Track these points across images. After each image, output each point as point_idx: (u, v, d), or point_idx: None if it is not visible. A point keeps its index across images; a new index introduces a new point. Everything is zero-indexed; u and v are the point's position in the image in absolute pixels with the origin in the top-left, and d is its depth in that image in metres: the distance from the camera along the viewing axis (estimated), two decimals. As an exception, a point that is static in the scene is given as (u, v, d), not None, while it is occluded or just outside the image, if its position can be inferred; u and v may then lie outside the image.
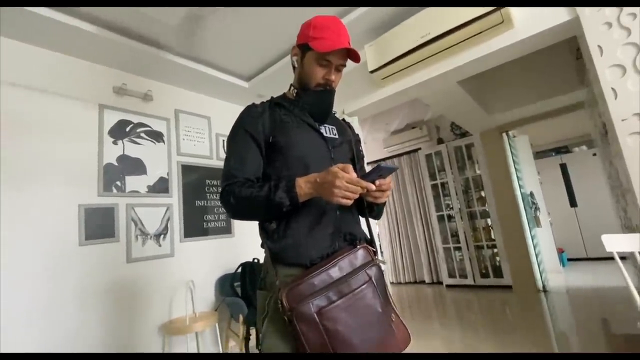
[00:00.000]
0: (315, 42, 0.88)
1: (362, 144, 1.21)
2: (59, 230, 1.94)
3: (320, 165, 0.84)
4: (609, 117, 1.51)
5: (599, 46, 1.54)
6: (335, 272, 0.75)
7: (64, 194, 1.99)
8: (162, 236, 2.39)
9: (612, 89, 1.50)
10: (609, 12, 1.53)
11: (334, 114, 1.06)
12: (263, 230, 0.86)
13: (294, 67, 1.00)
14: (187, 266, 2.48)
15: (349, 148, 1.00)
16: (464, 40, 1.86)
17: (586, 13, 1.58)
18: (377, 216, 1.02)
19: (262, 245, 0.86)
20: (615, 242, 1.33)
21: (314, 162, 0.87)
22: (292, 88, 1.00)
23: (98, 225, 2.09)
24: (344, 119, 1.12)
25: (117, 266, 2.14)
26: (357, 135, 1.12)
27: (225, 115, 3.05)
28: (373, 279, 0.79)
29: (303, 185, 0.77)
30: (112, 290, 2.08)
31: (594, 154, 5.11)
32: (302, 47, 0.93)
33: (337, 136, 0.98)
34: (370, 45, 2.16)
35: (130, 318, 2.13)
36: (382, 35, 2.10)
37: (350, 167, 0.73)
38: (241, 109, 0.96)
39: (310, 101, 0.94)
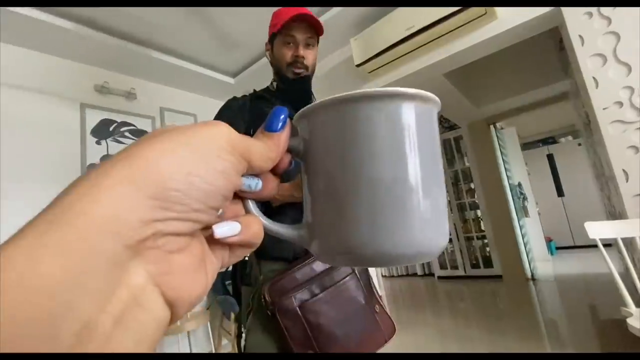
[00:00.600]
0: (276, 25, 0.91)
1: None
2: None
3: None
4: (591, 106, 1.53)
5: (579, 36, 1.56)
6: (318, 266, 0.75)
7: (45, 198, 1.93)
8: (150, 236, 2.35)
9: (593, 78, 1.52)
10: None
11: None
12: None
13: (271, 65, 1.01)
14: (177, 266, 2.45)
15: None
16: (449, 32, 1.86)
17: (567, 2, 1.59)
18: None
19: None
20: (598, 229, 1.35)
21: None
22: (272, 82, 1.01)
23: (83, 227, 2.05)
24: None
25: (104, 268, 2.10)
26: None
27: (211, 113, 2.97)
28: (356, 271, 0.79)
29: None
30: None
31: (579, 144, 5.20)
32: (270, 40, 0.97)
33: None
34: (355, 39, 2.14)
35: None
36: (367, 28, 2.09)
37: None
38: None
39: (288, 91, 0.94)
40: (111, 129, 2.32)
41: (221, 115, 0.91)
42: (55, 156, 2.02)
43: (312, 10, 2.02)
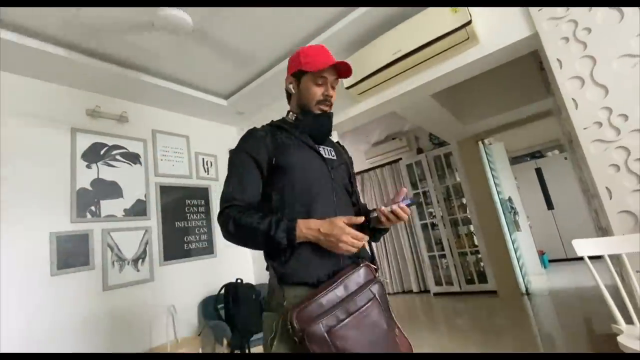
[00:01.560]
0: (309, 65, 0.96)
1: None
2: (29, 261, 1.85)
3: (322, 185, 0.92)
4: (572, 125, 1.59)
5: (558, 59, 1.63)
6: (341, 291, 0.77)
7: (34, 222, 1.91)
8: (140, 261, 2.31)
9: (573, 99, 1.58)
10: (565, 27, 1.62)
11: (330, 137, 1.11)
12: (268, 254, 0.88)
13: (289, 96, 1.06)
14: (168, 290, 2.40)
15: (345, 169, 1.04)
16: (434, 56, 1.93)
17: (544, 28, 1.67)
18: (375, 240, 1.08)
19: (267, 268, 0.88)
20: (586, 247, 1.38)
21: (315, 182, 0.92)
22: (290, 113, 1.05)
23: (71, 253, 2.01)
24: (337, 142, 1.17)
25: (93, 295, 2.05)
26: (350, 157, 1.18)
27: (204, 134, 3.03)
28: (377, 295, 0.81)
29: (304, 230, 0.81)
30: (88, 321, 1.99)
31: (565, 158, 5.33)
32: (296, 74, 1.00)
33: (334, 157, 1.02)
34: (344, 62, 2.20)
35: (108, 349, 2.02)
36: (355, 52, 2.15)
37: (354, 218, 0.82)
38: (220, 126, 1.00)
39: (310, 124, 0.99)
40: (102, 152, 2.31)
41: (246, 142, 0.94)
42: (45, 181, 2.00)
43: (308, 31, 2.09)
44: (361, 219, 0.84)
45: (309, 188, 0.91)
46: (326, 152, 1.01)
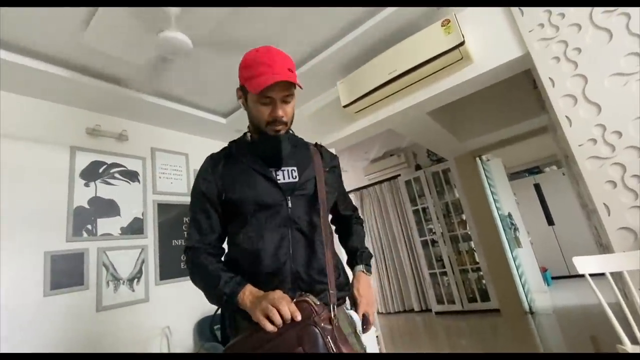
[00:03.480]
0: (250, 82, 0.82)
1: (343, 172, 1.14)
2: (22, 282, 1.82)
3: (276, 219, 0.85)
4: (567, 142, 1.60)
5: (550, 78, 1.66)
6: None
7: (29, 241, 1.89)
8: (135, 280, 2.27)
9: (567, 117, 1.60)
10: (556, 47, 1.66)
11: (303, 144, 1.02)
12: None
13: (247, 114, 0.96)
14: (163, 311, 2.35)
15: (313, 188, 0.91)
16: (429, 76, 1.97)
17: (535, 48, 1.71)
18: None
19: None
20: (587, 264, 1.36)
21: (269, 217, 0.85)
22: (247, 132, 0.98)
23: (65, 273, 1.97)
24: (316, 144, 1.05)
25: (86, 316, 2.00)
26: (333, 160, 1.05)
27: (203, 151, 3.00)
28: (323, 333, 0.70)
29: (247, 296, 0.76)
30: (80, 344, 1.93)
31: (563, 174, 5.35)
32: (243, 89, 0.90)
33: (296, 179, 0.90)
34: (341, 82, 2.25)
35: (99, 374, 1.96)
36: (352, 72, 2.20)
37: (293, 307, 0.69)
38: (220, 145, 0.99)
39: (261, 148, 0.91)
40: (101, 170, 2.32)
41: (198, 176, 0.95)
42: (43, 199, 1.99)
43: (305, 49, 2.13)
44: (298, 316, 0.69)
45: (259, 227, 0.84)
46: (286, 175, 0.90)
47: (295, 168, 0.92)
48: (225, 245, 0.94)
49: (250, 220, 0.86)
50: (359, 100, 2.16)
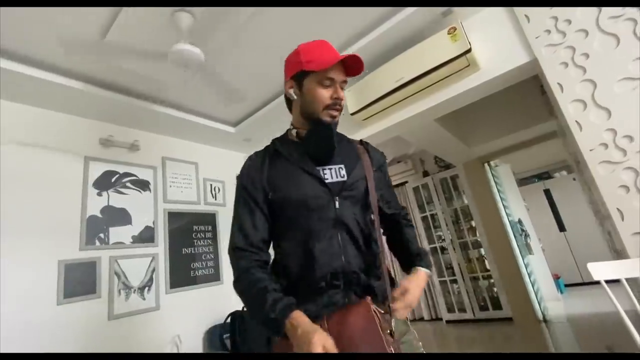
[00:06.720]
0: (311, 64, 0.81)
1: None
2: (36, 290, 1.85)
3: (324, 220, 0.80)
4: (578, 147, 1.59)
5: (558, 84, 1.66)
6: None
7: (43, 250, 1.93)
8: (146, 289, 2.29)
9: (577, 122, 1.59)
10: (564, 53, 1.67)
11: (347, 142, 0.96)
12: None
13: (289, 104, 0.93)
14: (174, 319, 2.36)
15: (362, 188, 0.87)
16: (436, 83, 1.98)
17: (543, 54, 1.72)
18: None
19: None
20: (602, 271, 1.34)
21: (316, 218, 0.80)
22: (291, 129, 0.92)
23: (78, 281, 2.00)
24: (361, 141, 1.00)
25: (98, 325, 2.02)
26: (381, 158, 1.01)
27: (212, 160, 3.09)
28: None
29: (295, 327, 0.68)
30: (92, 352, 1.95)
31: (574, 179, 5.27)
32: (297, 77, 0.85)
33: (344, 178, 0.85)
34: (349, 90, 2.27)
35: (110, 382, 1.97)
36: (360, 80, 2.22)
37: (332, 348, 0.64)
38: (228, 153, 0.97)
39: (312, 140, 0.86)
40: (113, 180, 2.37)
41: (242, 180, 0.87)
42: (57, 209, 2.04)
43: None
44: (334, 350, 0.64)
45: (307, 228, 0.80)
46: (333, 173, 0.85)
47: (342, 166, 0.87)
48: (271, 249, 0.89)
49: (298, 221, 0.81)
50: (366, 107, 2.18)
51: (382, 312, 0.77)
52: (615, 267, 1.33)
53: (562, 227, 5.40)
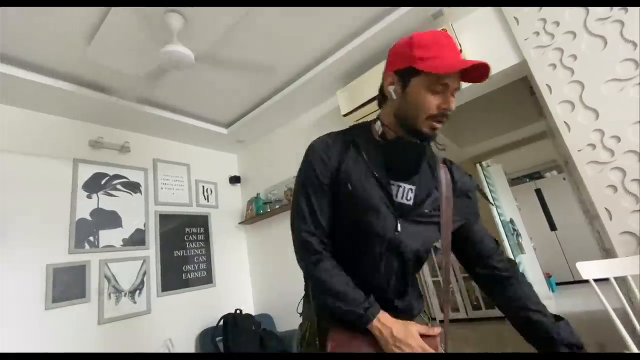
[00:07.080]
0: (427, 63, 0.66)
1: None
2: (23, 295, 1.81)
3: (378, 239, 0.72)
4: (566, 148, 1.61)
5: (547, 85, 1.68)
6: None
7: (31, 254, 1.89)
8: (137, 292, 2.26)
9: (565, 123, 1.61)
10: (552, 55, 1.69)
11: (430, 157, 0.82)
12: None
13: (383, 99, 0.80)
14: (165, 323, 2.33)
15: (431, 215, 0.76)
16: (428, 84, 1.99)
17: (532, 56, 1.74)
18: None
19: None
20: (591, 270, 1.36)
21: (371, 236, 0.72)
22: (379, 123, 0.79)
23: (67, 285, 1.97)
24: (445, 160, 0.86)
25: (88, 330, 1.98)
26: (467, 183, 0.86)
27: (205, 162, 3.06)
28: None
29: (382, 325, 0.68)
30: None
31: (564, 179, 5.35)
32: (404, 73, 0.70)
33: (410, 201, 0.75)
34: (341, 92, 2.28)
35: (100, 388, 1.94)
36: (352, 82, 2.23)
37: (431, 330, 0.71)
38: (221, 155, 0.94)
39: (393, 152, 0.75)
40: (103, 182, 2.33)
41: (313, 162, 0.77)
42: (45, 212, 2.00)
43: (311, 57, 2.13)
44: (437, 329, 0.71)
45: (356, 240, 0.74)
46: (402, 193, 0.74)
47: (412, 188, 0.76)
48: None
49: (350, 229, 0.74)
50: (359, 109, 2.17)
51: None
52: (604, 267, 1.35)
53: (553, 227, 5.47)
